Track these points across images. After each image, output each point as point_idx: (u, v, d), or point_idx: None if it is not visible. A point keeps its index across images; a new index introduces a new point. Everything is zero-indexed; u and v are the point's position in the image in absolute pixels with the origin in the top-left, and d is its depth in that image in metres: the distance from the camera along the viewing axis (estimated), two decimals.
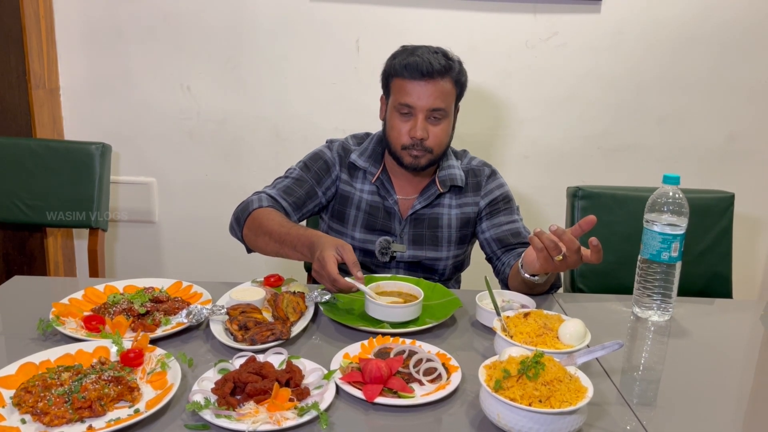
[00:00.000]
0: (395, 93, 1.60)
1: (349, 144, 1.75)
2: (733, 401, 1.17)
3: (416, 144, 1.58)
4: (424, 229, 1.69)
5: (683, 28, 2.35)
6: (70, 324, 1.26)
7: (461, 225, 1.71)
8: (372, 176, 1.70)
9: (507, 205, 1.73)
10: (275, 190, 1.66)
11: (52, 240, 2.41)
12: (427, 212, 1.70)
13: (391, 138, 1.63)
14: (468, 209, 1.72)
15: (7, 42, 2.20)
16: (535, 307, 1.38)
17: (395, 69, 1.59)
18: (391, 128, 1.63)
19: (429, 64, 1.54)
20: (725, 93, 2.42)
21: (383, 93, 1.68)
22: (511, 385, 0.97)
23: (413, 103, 1.56)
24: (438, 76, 1.55)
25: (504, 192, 1.74)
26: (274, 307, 1.32)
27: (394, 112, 1.61)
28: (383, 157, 1.72)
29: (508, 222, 1.69)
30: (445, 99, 1.58)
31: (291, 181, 1.69)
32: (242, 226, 1.61)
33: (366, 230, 1.69)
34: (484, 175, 1.75)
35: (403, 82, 1.57)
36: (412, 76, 1.55)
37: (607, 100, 2.42)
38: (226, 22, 2.33)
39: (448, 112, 1.61)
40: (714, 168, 2.49)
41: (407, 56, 1.57)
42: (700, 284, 1.91)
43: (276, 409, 0.98)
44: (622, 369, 1.25)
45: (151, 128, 2.43)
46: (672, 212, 1.44)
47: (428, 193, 1.69)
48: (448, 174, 1.70)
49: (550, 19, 2.33)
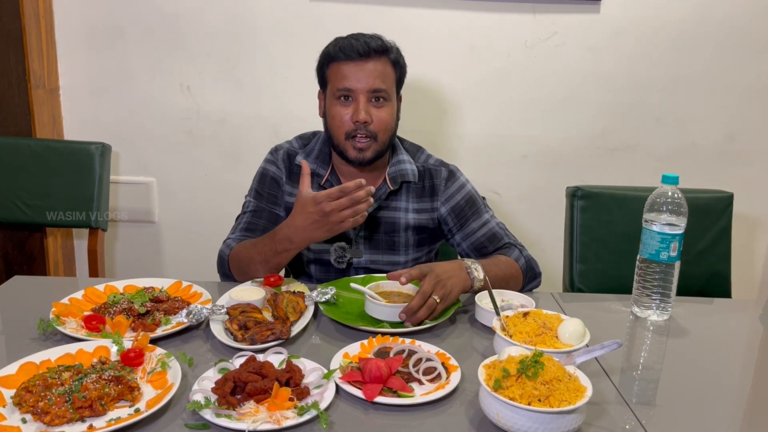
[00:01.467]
0: (332, 80, 1.54)
1: (294, 148, 1.69)
2: (732, 401, 1.18)
3: (360, 128, 1.51)
4: (380, 234, 1.64)
5: (682, 28, 2.35)
6: (71, 324, 1.26)
7: (418, 230, 1.65)
8: (321, 178, 1.62)
9: (473, 208, 1.66)
10: (238, 232, 1.62)
11: (52, 240, 2.41)
12: (383, 215, 1.63)
13: (333, 128, 1.55)
14: (425, 215, 1.65)
15: (7, 42, 2.20)
16: (534, 307, 1.38)
17: (330, 54, 1.54)
18: (332, 118, 1.55)
19: (365, 44, 1.50)
20: (724, 93, 2.42)
21: (320, 88, 1.62)
22: (511, 384, 0.98)
23: (352, 86, 1.50)
24: (375, 55, 1.51)
25: (466, 194, 1.66)
26: (274, 306, 1.32)
27: (333, 100, 1.54)
28: (331, 158, 1.65)
29: (480, 226, 1.65)
30: (385, 80, 1.52)
31: (249, 215, 1.65)
32: (230, 275, 1.59)
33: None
34: (441, 177, 1.66)
35: (339, 65, 1.52)
36: (349, 57, 1.50)
37: (606, 99, 2.42)
38: (226, 22, 2.33)
39: (390, 94, 1.55)
40: (713, 168, 2.49)
41: (341, 40, 1.54)
42: (699, 284, 1.92)
43: (276, 408, 0.99)
44: (621, 368, 1.25)
45: (150, 128, 2.43)
46: (671, 212, 1.45)
47: (379, 192, 1.61)
48: (397, 170, 1.63)
49: (550, 19, 2.33)
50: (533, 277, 1.63)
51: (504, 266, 1.55)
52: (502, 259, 1.58)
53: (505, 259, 1.58)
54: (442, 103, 2.40)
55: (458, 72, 2.38)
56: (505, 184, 2.48)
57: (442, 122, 2.42)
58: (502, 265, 1.55)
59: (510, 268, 1.56)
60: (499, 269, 1.52)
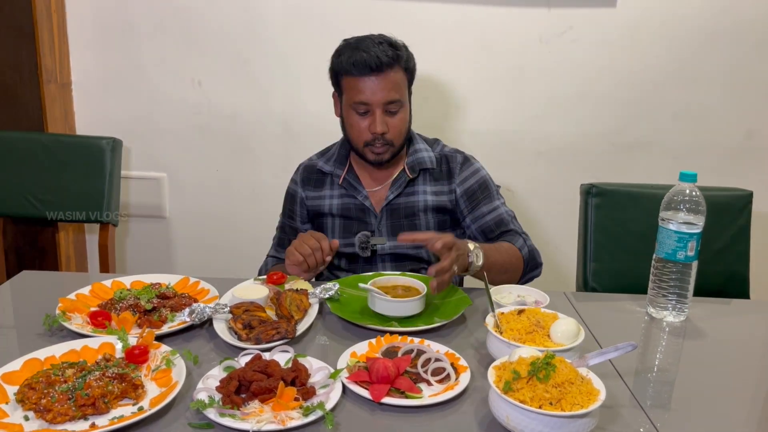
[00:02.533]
0: (348, 91, 1.59)
1: (313, 159, 1.78)
2: (749, 404, 1.14)
3: (377, 138, 1.58)
4: (401, 219, 1.68)
5: (700, 24, 2.30)
6: (77, 319, 1.26)
7: (438, 211, 1.69)
8: (338, 178, 1.71)
9: (485, 192, 1.70)
10: (273, 249, 1.80)
11: (63, 235, 2.42)
12: (401, 201, 1.68)
13: (352, 136, 1.63)
14: (443, 197, 1.69)
15: (19, 37, 2.21)
16: (548, 303, 1.35)
17: (343, 67, 1.57)
18: (350, 126, 1.62)
19: (377, 58, 1.52)
20: (743, 89, 2.37)
21: (334, 90, 1.67)
22: (521, 386, 0.95)
23: (368, 100, 1.55)
24: (387, 68, 1.54)
25: (480, 178, 1.71)
26: (278, 305, 1.30)
27: (351, 110, 1.60)
28: (348, 158, 1.72)
29: (490, 211, 1.68)
30: (398, 89, 1.57)
31: (279, 233, 1.81)
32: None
33: (344, 233, 1.69)
34: (456, 162, 1.71)
35: (353, 80, 1.56)
36: (362, 72, 1.54)
37: (621, 95, 2.38)
38: (238, 17, 2.31)
39: (404, 101, 1.60)
40: (731, 165, 2.44)
41: (353, 52, 1.55)
42: (716, 284, 1.87)
43: (281, 408, 0.97)
44: (635, 370, 1.22)
45: (162, 123, 2.43)
46: (688, 210, 1.41)
47: (399, 181, 1.68)
48: (416, 159, 1.69)
49: (564, 13, 2.29)
50: (534, 266, 1.67)
51: (506, 254, 1.58)
52: (505, 245, 1.61)
53: (508, 246, 1.61)
54: (454, 99, 2.37)
55: (471, 67, 2.35)
56: (518, 181, 2.45)
57: (454, 118, 2.39)
58: (504, 252, 1.58)
59: (512, 256, 1.60)
60: (500, 255, 1.55)
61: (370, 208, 1.68)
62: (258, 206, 2.48)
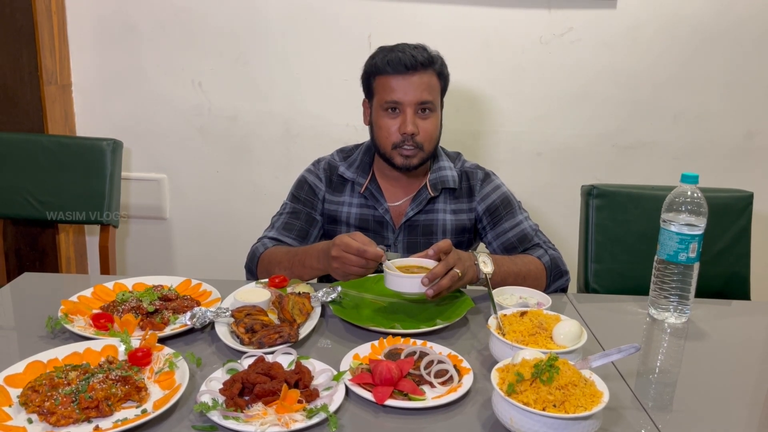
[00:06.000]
0: (380, 92, 1.58)
1: (335, 160, 1.74)
2: (751, 405, 1.14)
3: (407, 140, 1.55)
4: (418, 236, 1.66)
5: (701, 24, 2.31)
6: (79, 322, 1.26)
7: (457, 231, 1.67)
8: (360, 186, 1.67)
9: (508, 208, 1.68)
10: (275, 231, 1.67)
11: (63, 236, 2.41)
12: (420, 219, 1.66)
13: (381, 139, 1.60)
14: (463, 216, 1.68)
15: (20, 38, 2.20)
16: (549, 304, 1.35)
17: (377, 67, 1.57)
18: (379, 128, 1.59)
19: (412, 57, 1.52)
20: (743, 90, 2.38)
21: (365, 96, 1.66)
22: (525, 388, 0.95)
23: (400, 99, 1.54)
24: (422, 68, 1.54)
25: (502, 194, 1.69)
26: (280, 308, 1.30)
27: (381, 111, 1.58)
28: (371, 167, 1.69)
29: (513, 227, 1.66)
30: (431, 91, 1.56)
31: (287, 216, 1.69)
32: (255, 273, 1.62)
33: None
34: (477, 178, 1.70)
35: (386, 78, 1.55)
36: (396, 70, 1.53)
37: (622, 96, 2.38)
38: (238, 18, 2.31)
39: (436, 105, 1.59)
40: (732, 166, 2.44)
41: (388, 53, 1.56)
42: (717, 285, 1.88)
43: (284, 410, 0.97)
44: (637, 372, 1.22)
45: (162, 124, 2.42)
46: (690, 212, 1.41)
47: (420, 198, 1.65)
48: (439, 176, 1.67)
49: (565, 14, 2.29)
50: (559, 275, 1.61)
51: (521, 263, 1.54)
52: (521, 256, 1.58)
53: (524, 256, 1.59)
54: (455, 100, 2.37)
55: (472, 68, 2.35)
56: (518, 182, 2.43)
57: (455, 119, 2.39)
58: (520, 262, 1.55)
59: (528, 264, 1.55)
60: (514, 265, 1.52)
61: (390, 222, 1.66)
62: (258, 207, 2.48)
